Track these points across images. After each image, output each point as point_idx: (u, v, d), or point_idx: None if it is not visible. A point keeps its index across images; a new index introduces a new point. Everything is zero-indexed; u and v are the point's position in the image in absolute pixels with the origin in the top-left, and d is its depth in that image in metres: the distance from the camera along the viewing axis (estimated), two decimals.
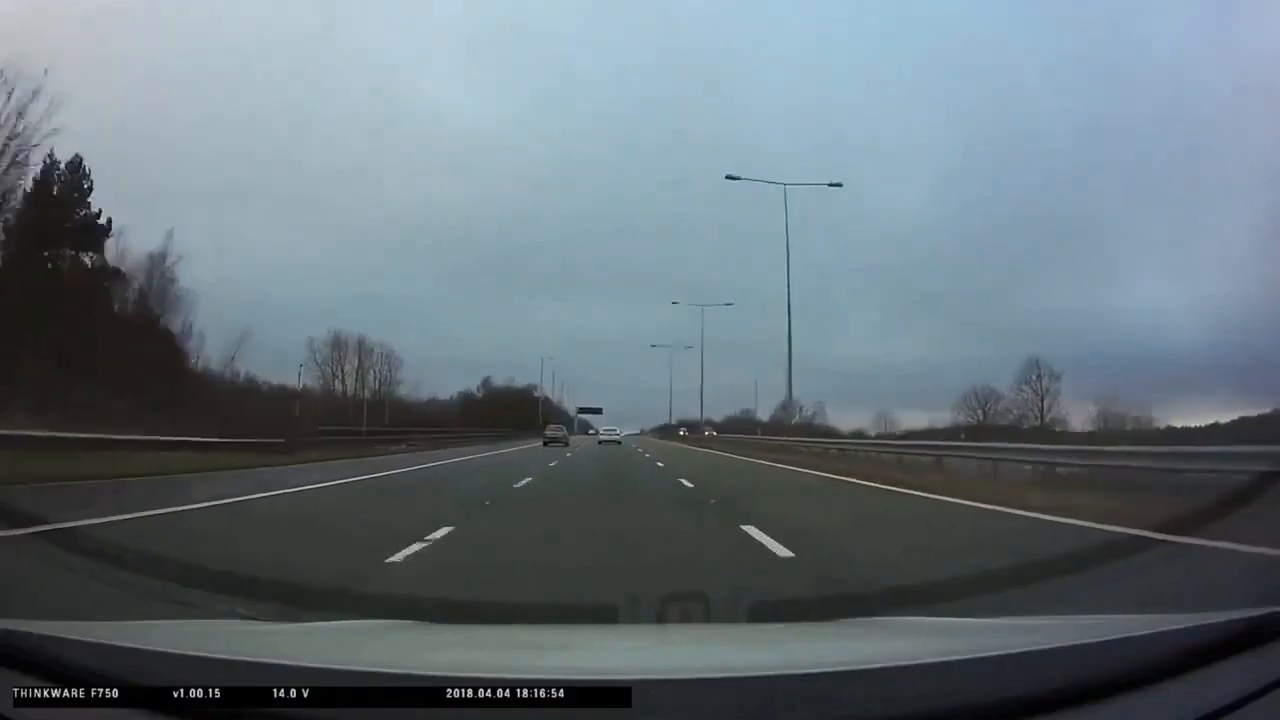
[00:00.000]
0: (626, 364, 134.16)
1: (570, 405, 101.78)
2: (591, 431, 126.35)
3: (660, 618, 2.83)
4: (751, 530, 8.15)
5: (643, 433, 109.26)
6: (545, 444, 44.81)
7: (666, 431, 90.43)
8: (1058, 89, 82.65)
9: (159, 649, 1.53)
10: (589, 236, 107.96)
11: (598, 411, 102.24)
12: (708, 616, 2.94)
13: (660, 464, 25.30)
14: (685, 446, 49.30)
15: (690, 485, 16.23)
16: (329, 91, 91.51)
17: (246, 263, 65.50)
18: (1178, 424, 41.02)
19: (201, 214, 67.02)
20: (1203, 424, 37.40)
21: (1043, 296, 73.64)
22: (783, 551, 6.93)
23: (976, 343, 76.11)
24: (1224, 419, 36.23)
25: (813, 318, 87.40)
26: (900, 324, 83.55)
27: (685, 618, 2.79)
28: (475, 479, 17.99)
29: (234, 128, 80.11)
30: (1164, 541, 6.83)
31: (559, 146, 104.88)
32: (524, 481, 16.51)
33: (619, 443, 51.04)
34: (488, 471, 20.96)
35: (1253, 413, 32.68)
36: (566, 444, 45.95)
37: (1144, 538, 7.17)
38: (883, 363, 77.39)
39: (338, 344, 60.50)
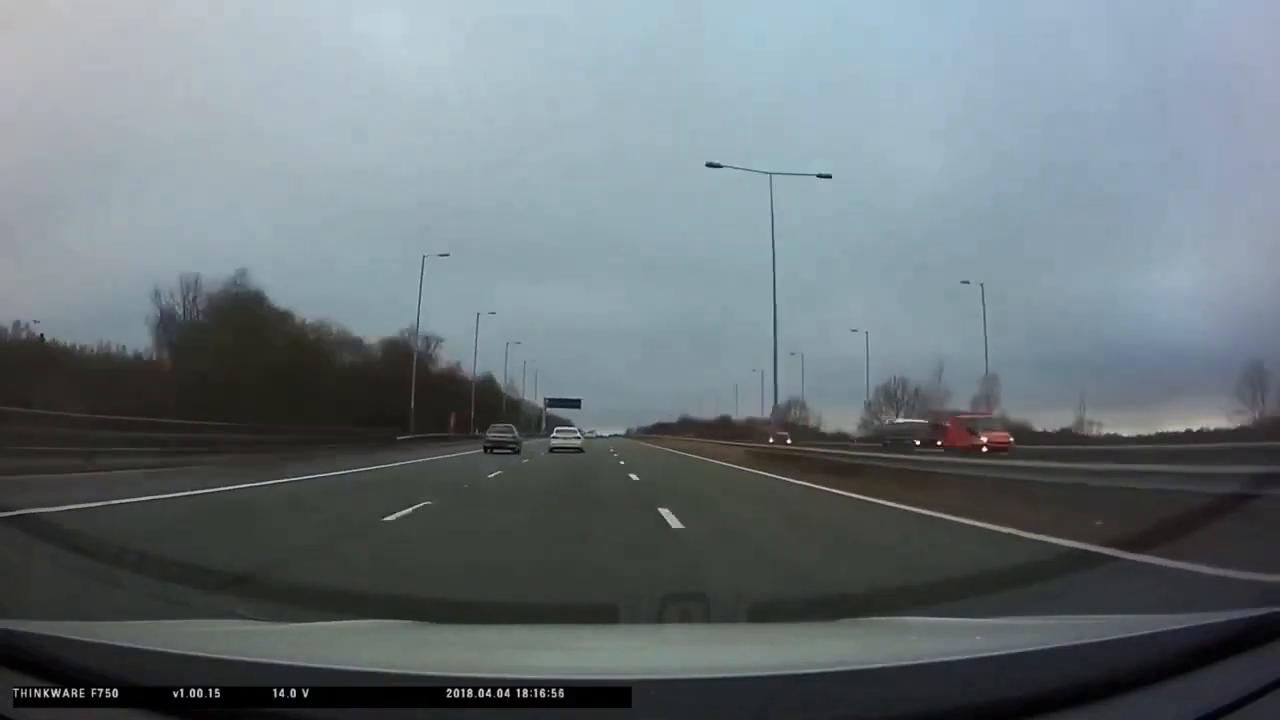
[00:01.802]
0: (610, 358, 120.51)
1: (548, 404, 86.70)
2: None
3: (660, 618, 2.83)
4: None
5: (628, 434, 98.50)
6: (487, 450, 33.98)
7: (662, 431, 76.14)
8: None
9: (159, 649, 1.53)
10: (563, 212, 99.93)
11: (574, 405, 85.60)
12: (708, 616, 2.94)
13: None
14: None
15: None
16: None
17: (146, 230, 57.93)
18: None
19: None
20: None
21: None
22: None
23: None
24: None
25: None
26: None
27: (685, 618, 2.79)
28: None
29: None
30: None
31: (528, 100, 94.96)
32: None
33: (579, 449, 36.67)
34: None
35: None
36: (517, 450, 34.40)
37: None
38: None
39: (191, 294, 41.38)
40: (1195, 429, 41.16)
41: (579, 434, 42.05)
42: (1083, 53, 70.19)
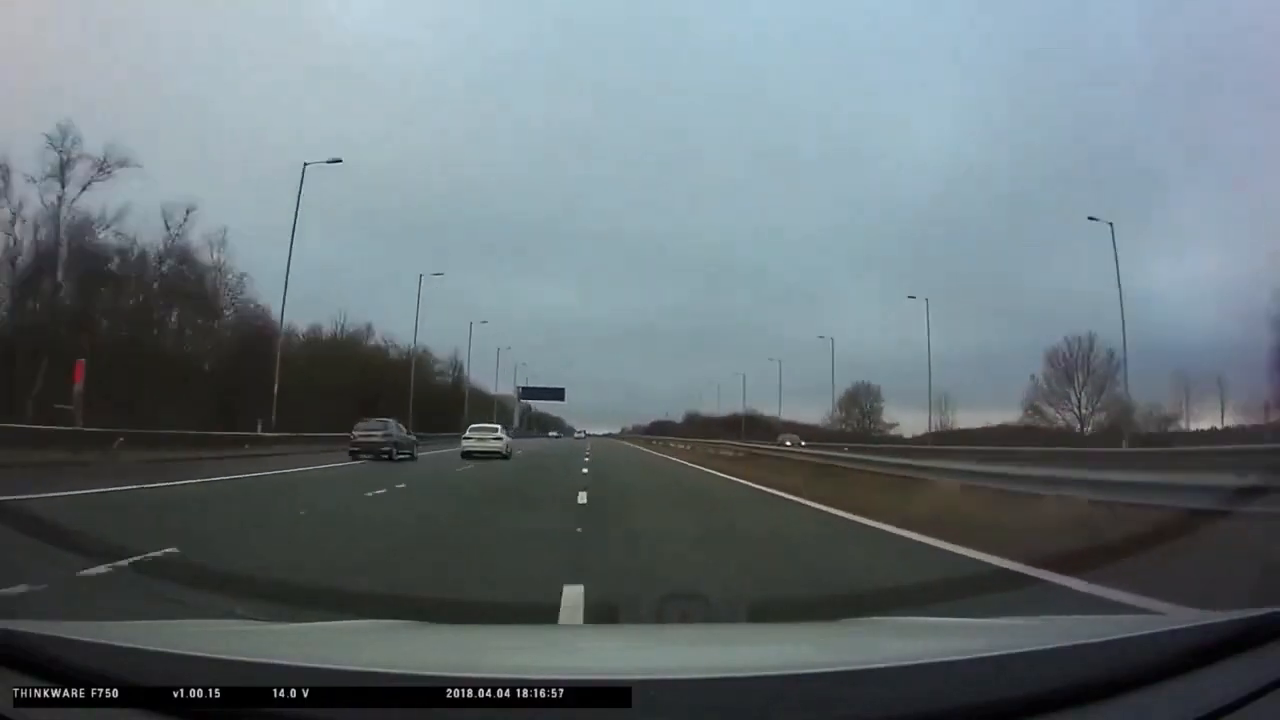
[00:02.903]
0: (603, 355, 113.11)
1: (523, 395, 75.06)
2: (553, 434, 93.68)
3: (660, 618, 2.84)
4: None
5: (622, 433, 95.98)
6: (354, 455, 25.16)
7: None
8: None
9: (159, 649, 1.53)
10: (560, 205, 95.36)
11: (556, 396, 75.11)
12: (708, 616, 2.95)
13: None
14: None
15: None
16: None
17: None
18: None
19: None
20: None
21: None
22: None
23: None
24: None
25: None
26: None
27: (685, 618, 2.79)
28: None
29: None
30: None
31: (520, 84, 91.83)
32: None
33: (502, 455, 28.91)
34: None
35: None
36: (390, 457, 25.53)
37: None
38: None
39: None
40: (1208, 428, 38.82)
41: (501, 434, 32.03)
42: (1096, 35, 67.36)
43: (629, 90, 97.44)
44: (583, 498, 13.01)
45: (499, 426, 33.71)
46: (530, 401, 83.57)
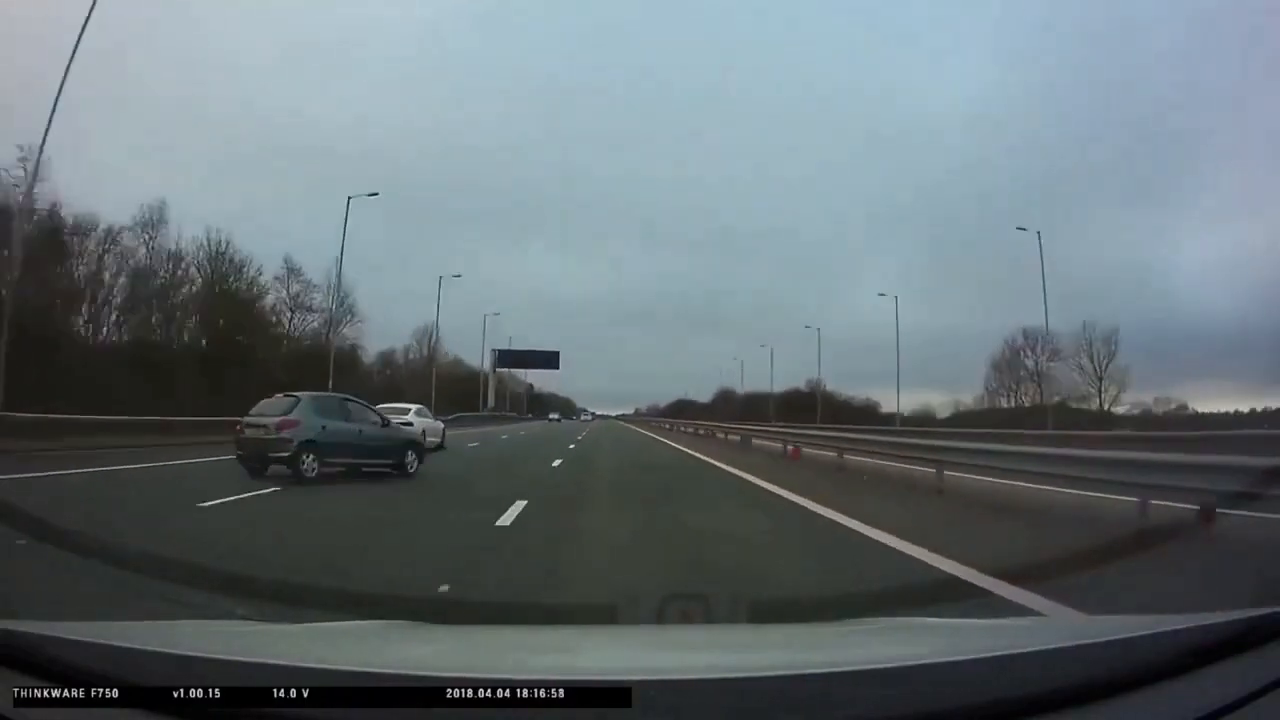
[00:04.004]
0: (614, 335, 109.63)
1: (499, 361, 61.30)
2: (554, 417, 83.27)
3: (660, 618, 2.84)
4: None
5: (635, 413, 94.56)
6: (240, 461, 13.46)
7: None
8: None
9: (159, 649, 1.53)
10: (534, 162, 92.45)
11: (548, 363, 62.64)
12: (708, 617, 2.95)
13: None
14: None
15: None
16: None
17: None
18: None
19: None
20: None
21: None
22: None
23: None
24: None
25: None
26: None
27: (685, 618, 2.79)
28: None
29: None
30: None
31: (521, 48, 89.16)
32: None
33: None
34: None
35: None
36: (298, 475, 12.70)
37: None
38: None
39: None
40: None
41: (412, 417, 22.48)
42: None
43: (634, 55, 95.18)
44: None
45: (414, 407, 25.05)
46: (524, 375, 70.31)
